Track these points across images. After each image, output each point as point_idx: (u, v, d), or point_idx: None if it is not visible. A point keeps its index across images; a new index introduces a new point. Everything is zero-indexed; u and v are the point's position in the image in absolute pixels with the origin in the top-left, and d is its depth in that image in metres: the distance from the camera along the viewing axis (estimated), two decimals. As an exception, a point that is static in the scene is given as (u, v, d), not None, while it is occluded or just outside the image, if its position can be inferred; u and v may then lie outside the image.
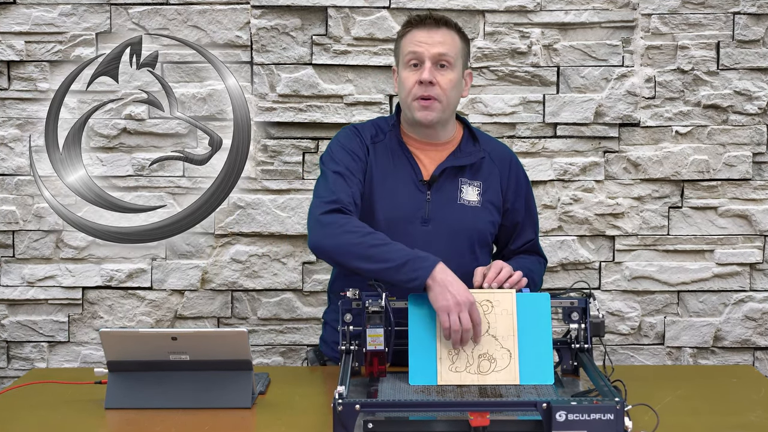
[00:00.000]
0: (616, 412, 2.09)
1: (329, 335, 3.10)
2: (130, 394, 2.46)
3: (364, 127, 3.04)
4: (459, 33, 2.96)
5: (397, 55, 3.00)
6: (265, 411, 2.45)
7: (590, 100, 3.86)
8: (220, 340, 2.46)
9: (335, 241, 2.72)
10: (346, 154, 2.93)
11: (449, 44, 2.90)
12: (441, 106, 2.89)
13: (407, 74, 2.90)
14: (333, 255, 2.75)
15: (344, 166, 2.89)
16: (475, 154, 3.00)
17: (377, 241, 2.68)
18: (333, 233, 2.73)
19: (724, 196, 3.90)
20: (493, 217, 3.00)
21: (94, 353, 3.95)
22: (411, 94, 2.89)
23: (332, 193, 2.82)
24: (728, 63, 3.85)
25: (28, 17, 3.82)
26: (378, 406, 2.19)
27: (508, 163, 3.06)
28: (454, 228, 2.90)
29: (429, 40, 2.88)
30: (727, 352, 3.98)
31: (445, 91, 2.88)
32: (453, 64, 2.89)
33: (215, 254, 3.92)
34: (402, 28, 2.98)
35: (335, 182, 2.86)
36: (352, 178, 2.88)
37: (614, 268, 3.94)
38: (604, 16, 3.85)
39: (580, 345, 2.63)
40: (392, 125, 3.02)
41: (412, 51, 2.89)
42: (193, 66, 3.85)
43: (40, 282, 3.92)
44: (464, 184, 2.97)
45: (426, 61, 2.86)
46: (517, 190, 3.06)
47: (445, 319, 2.52)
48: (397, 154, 2.97)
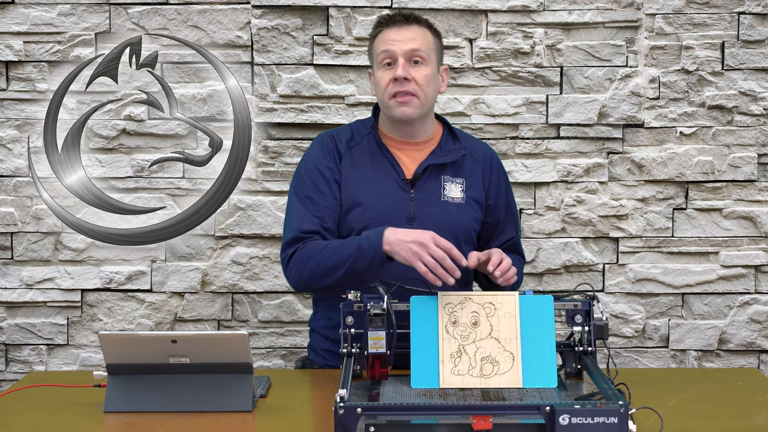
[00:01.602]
0: (620, 416, 2.08)
1: (317, 342, 3.11)
2: (129, 397, 2.45)
3: (339, 132, 3.08)
4: (430, 29, 3.00)
5: (371, 57, 3.05)
6: (265, 414, 2.43)
7: (594, 101, 3.85)
8: (220, 342, 2.45)
9: (303, 274, 2.89)
10: (314, 171, 3.00)
11: (421, 40, 2.94)
12: (419, 101, 2.93)
13: (382, 74, 2.95)
14: (309, 285, 2.94)
15: (313, 187, 2.97)
16: (456, 152, 3.04)
17: (331, 249, 2.84)
18: (297, 269, 2.90)
19: (729, 197, 3.89)
20: (477, 213, 3.04)
21: (93, 356, 3.94)
22: (387, 93, 2.94)
23: (293, 230, 2.94)
24: (733, 63, 3.84)
25: (26, 17, 3.82)
26: (379, 410, 2.18)
27: (489, 161, 3.11)
28: (440, 225, 2.90)
29: (400, 38, 2.92)
30: (732, 355, 3.97)
31: (422, 86, 2.92)
32: (427, 60, 2.94)
33: (215, 256, 3.91)
34: (373, 29, 3.02)
35: (300, 213, 2.96)
36: (321, 198, 2.96)
37: (618, 270, 3.93)
38: (607, 15, 3.84)
39: (584, 348, 2.62)
40: (370, 127, 3.06)
41: (385, 50, 2.93)
42: (193, 66, 3.85)
43: (39, 284, 3.91)
44: (447, 182, 3.01)
45: (399, 58, 2.91)
46: (498, 187, 3.11)
47: (421, 265, 2.63)
48: (377, 156, 3.01)
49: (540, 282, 3.93)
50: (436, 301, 2.54)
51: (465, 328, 2.52)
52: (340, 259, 2.81)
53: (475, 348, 2.50)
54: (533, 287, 3.91)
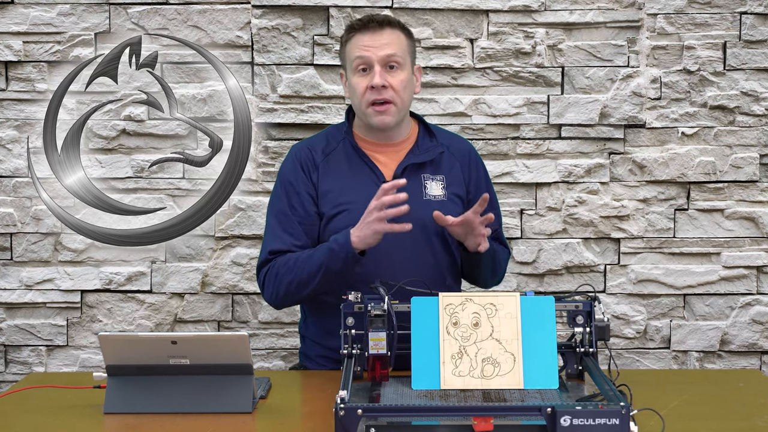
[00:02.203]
0: (621, 417, 2.07)
1: (309, 349, 3.11)
2: (129, 398, 2.44)
3: (314, 141, 3.09)
4: (404, 30, 3.00)
5: (343, 60, 3.04)
6: (266, 416, 2.43)
7: (595, 101, 3.84)
8: (220, 344, 2.44)
9: (279, 291, 2.92)
10: (287, 186, 3.02)
11: (396, 44, 2.94)
12: (396, 108, 2.94)
13: (357, 80, 2.94)
14: (287, 300, 2.96)
15: (286, 202, 2.99)
16: (433, 150, 3.04)
17: (303, 260, 2.87)
18: (273, 287, 2.93)
19: (731, 198, 3.89)
20: (459, 209, 3.02)
21: (93, 357, 3.93)
22: (364, 100, 2.93)
23: (265, 251, 2.97)
24: (735, 63, 3.83)
25: (26, 17, 3.81)
26: (380, 411, 2.18)
27: (468, 156, 3.12)
28: (424, 224, 2.92)
29: (375, 43, 2.92)
30: (733, 356, 3.96)
31: (399, 93, 2.92)
32: (402, 64, 2.94)
33: (216, 257, 3.90)
34: (345, 33, 3.02)
35: (273, 232, 2.98)
36: (291, 214, 2.97)
37: (619, 271, 3.92)
38: (609, 15, 3.83)
39: (585, 349, 2.61)
40: (344, 132, 3.05)
41: (359, 56, 2.92)
42: (193, 66, 3.84)
43: (39, 285, 3.90)
44: (427, 180, 3.01)
45: (375, 64, 2.91)
46: (478, 181, 3.11)
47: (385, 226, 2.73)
48: (354, 160, 3.01)
49: (541, 283, 3.92)
50: (437, 302, 2.53)
51: (466, 329, 2.51)
52: (314, 267, 2.83)
53: (476, 349, 2.49)
54: (534, 288, 3.90)
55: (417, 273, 2.82)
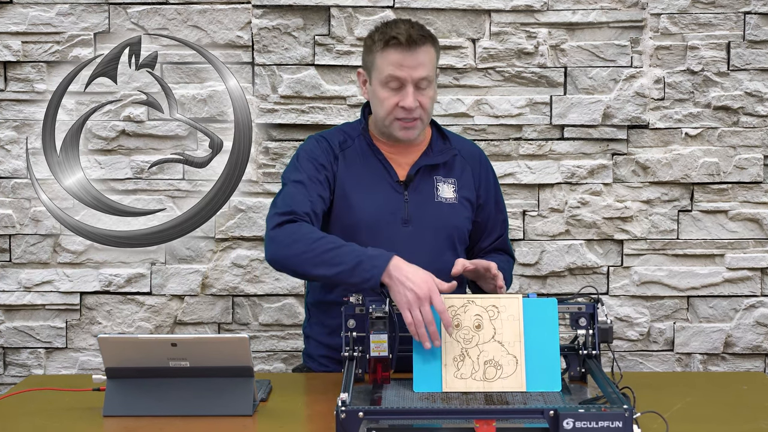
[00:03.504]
0: (624, 420, 2.09)
1: (313, 349, 3.10)
2: (128, 401, 2.44)
3: (331, 134, 3.05)
4: (434, 44, 2.93)
5: (370, 65, 2.94)
6: (266, 418, 2.42)
7: (598, 102, 3.83)
8: (220, 346, 2.44)
9: (287, 252, 2.72)
10: (308, 162, 2.93)
11: (429, 63, 2.88)
12: (422, 123, 2.94)
13: (386, 94, 2.88)
14: (288, 265, 2.75)
15: (306, 175, 2.89)
16: (447, 152, 3.04)
17: (329, 245, 2.67)
18: (284, 244, 2.73)
19: (735, 199, 3.87)
20: (469, 213, 3.05)
21: (92, 360, 3.92)
22: (391, 115, 2.90)
23: (286, 205, 2.81)
24: (739, 64, 3.82)
25: (24, 17, 3.80)
26: (382, 414, 2.18)
27: (479, 160, 3.12)
28: (435, 226, 2.94)
29: (411, 63, 2.84)
30: (737, 358, 3.95)
31: (427, 110, 2.92)
32: (432, 81, 2.91)
33: (216, 259, 3.89)
34: (378, 41, 2.88)
35: (293, 193, 2.85)
36: (313, 185, 2.87)
37: (623, 273, 3.91)
38: (612, 15, 3.82)
39: (588, 351, 2.61)
40: (361, 129, 3.04)
41: (394, 75, 2.85)
42: (193, 67, 3.84)
43: (37, 287, 3.89)
44: (440, 182, 3.01)
45: (408, 86, 2.85)
46: (488, 186, 3.11)
47: (407, 315, 2.49)
48: (369, 158, 3.00)
49: (544, 285, 3.91)
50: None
51: (468, 331, 2.51)
52: (334, 260, 2.64)
53: (478, 351, 2.49)
54: (537, 290, 3.89)
55: None
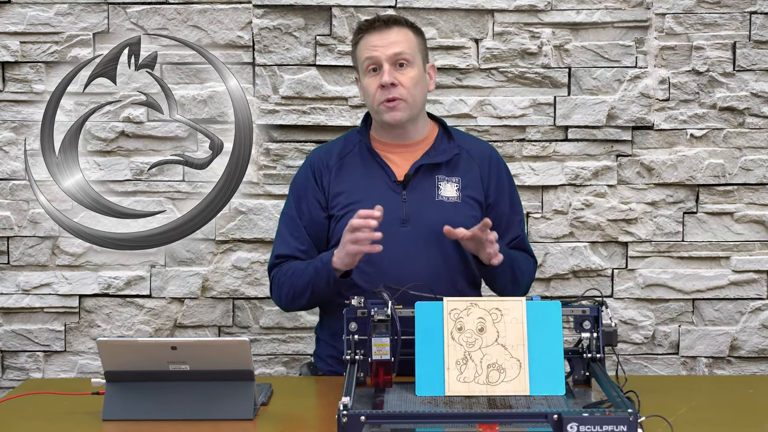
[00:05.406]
0: (629, 424, 2.09)
1: (323, 350, 3.13)
2: (128, 405, 2.44)
3: (332, 144, 3.18)
4: (412, 28, 3.04)
5: (355, 63, 3.10)
6: (267, 422, 2.42)
7: (602, 102, 3.82)
8: (221, 349, 2.45)
9: (282, 298, 3.04)
10: (294, 194, 3.11)
11: (404, 42, 2.97)
12: (407, 104, 2.97)
13: (369, 81, 3.00)
14: (291, 308, 3.12)
15: (294, 208, 3.08)
16: (449, 151, 3.07)
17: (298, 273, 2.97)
18: (277, 293, 3.05)
19: (741, 201, 3.87)
20: (475, 212, 3.04)
21: (92, 363, 3.92)
22: (376, 100, 2.98)
23: (275, 249, 3.09)
24: (745, 64, 3.81)
25: (23, 17, 3.80)
26: (384, 418, 2.18)
27: (488, 159, 3.13)
28: (434, 225, 2.93)
29: (382, 42, 2.96)
30: (743, 361, 3.94)
31: (409, 89, 2.96)
32: (412, 61, 2.98)
33: (216, 261, 3.89)
34: (353, 35, 3.08)
35: (281, 233, 3.09)
36: (299, 217, 3.06)
37: (627, 276, 3.89)
38: (616, 15, 3.81)
39: (592, 354, 2.61)
40: (361, 134, 3.10)
41: (368, 56, 2.98)
42: (193, 67, 3.84)
43: (36, 290, 3.89)
44: (441, 181, 3.03)
45: (384, 63, 2.95)
46: (499, 185, 3.12)
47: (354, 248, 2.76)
48: (368, 161, 3.06)
49: (547, 287, 3.91)
50: (442, 307, 2.52)
51: (471, 335, 2.50)
52: (304, 282, 2.94)
53: (481, 355, 2.48)
54: (540, 293, 3.89)
55: (426, 275, 2.85)
